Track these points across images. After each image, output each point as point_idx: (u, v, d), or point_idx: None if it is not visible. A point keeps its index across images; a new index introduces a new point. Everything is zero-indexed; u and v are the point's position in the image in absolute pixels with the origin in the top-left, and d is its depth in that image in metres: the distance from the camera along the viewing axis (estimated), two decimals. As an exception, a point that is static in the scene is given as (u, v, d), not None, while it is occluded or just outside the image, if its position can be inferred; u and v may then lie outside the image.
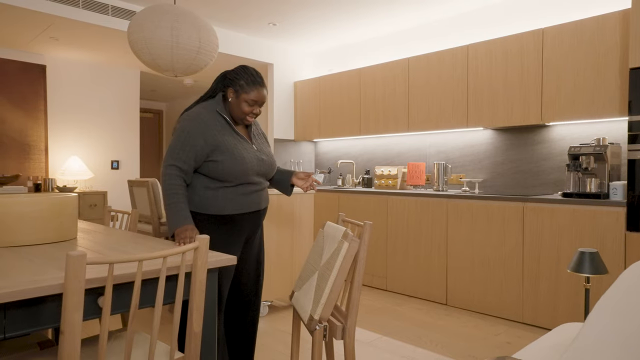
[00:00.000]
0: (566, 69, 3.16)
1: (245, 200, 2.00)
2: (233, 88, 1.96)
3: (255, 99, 1.95)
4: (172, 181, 1.86)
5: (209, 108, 1.96)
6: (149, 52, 2.33)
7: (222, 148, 1.90)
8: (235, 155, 1.92)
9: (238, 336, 2.19)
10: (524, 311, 3.07)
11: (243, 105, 1.95)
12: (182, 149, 1.86)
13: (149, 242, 1.82)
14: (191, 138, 1.86)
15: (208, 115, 1.93)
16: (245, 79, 1.94)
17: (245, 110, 1.96)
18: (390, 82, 4.30)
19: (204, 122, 1.90)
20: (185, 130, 1.88)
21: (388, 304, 3.54)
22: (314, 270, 1.96)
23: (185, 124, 1.89)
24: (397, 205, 3.85)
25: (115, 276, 1.22)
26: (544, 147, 3.56)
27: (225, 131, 1.94)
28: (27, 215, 1.70)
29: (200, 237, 1.33)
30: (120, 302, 1.29)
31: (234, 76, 1.97)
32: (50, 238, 1.76)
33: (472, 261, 3.35)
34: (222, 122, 1.95)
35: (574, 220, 2.85)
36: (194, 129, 1.88)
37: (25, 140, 4.54)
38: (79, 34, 3.99)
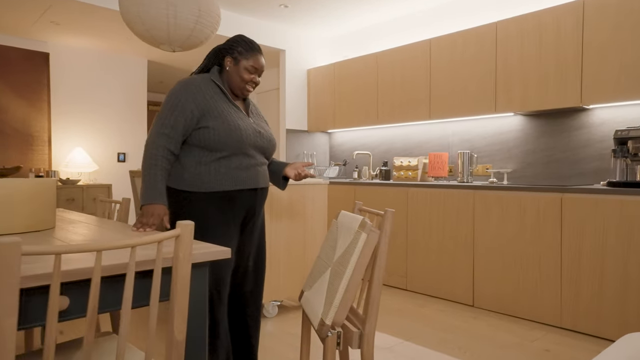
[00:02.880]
0: (610, 45, 2.81)
1: (242, 175, 1.77)
2: (231, 56, 1.81)
3: (255, 66, 1.81)
4: (155, 151, 1.67)
5: (204, 77, 1.79)
6: (142, 22, 2.08)
7: (213, 113, 1.71)
8: (229, 121, 1.73)
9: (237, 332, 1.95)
10: (562, 315, 2.75)
11: (243, 73, 1.80)
12: (170, 114, 1.68)
13: (140, 234, 1.56)
14: (180, 101, 1.69)
15: (201, 81, 1.76)
16: (243, 45, 1.82)
17: (246, 78, 1.80)
18: (410, 66, 3.99)
19: (195, 86, 1.73)
20: (173, 94, 1.71)
21: (409, 305, 3.24)
22: (326, 266, 1.68)
23: (175, 88, 1.74)
24: (417, 197, 3.55)
25: (68, 271, 0.97)
26: (582, 133, 3.21)
27: (219, 98, 1.77)
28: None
29: (183, 223, 1.06)
30: (82, 305, 1.03)
31: (230, 45, 1.83)
32: (22, 226, 1.52)
33: (502, 258, 3.03)
34: (217, 90, 1.78)
35: (622, 213, 2.51)
36: (183, 92, 1.71)
37: (28, 130, 4.36)
38: (80, 18, 3.78)
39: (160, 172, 1.66)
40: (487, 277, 3.12)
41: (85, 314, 1.03)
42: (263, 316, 2.97)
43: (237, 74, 1.79)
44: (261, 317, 2.91)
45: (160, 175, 1.65)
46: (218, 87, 1.79)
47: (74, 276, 0.96)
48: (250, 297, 1.96)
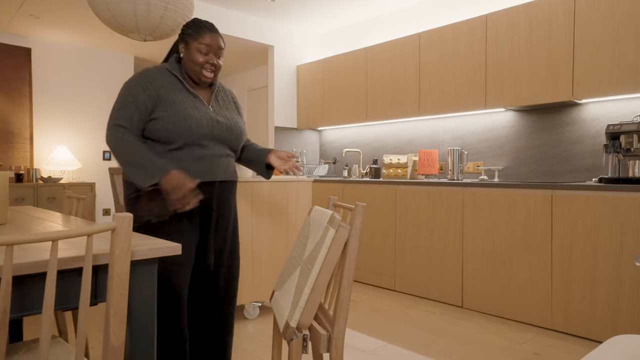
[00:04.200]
0: (603, 37, 2.72)
1: (194, 167, 1.65)
2: (182, 41, 1.71)
3: (207, 44, 1.66)
4: (123, 136, 1.57)
5: (160, 67, 1.71)
6: (108, 8, 1.98)
7: (165, 103, 1.60)
8: (180, 111, 1.61)
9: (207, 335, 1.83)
10: (553, 316, 2.64)
11: (196, 55, 1.66)
12: (123, 106, 1.59)
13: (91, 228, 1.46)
14: (131, 93, 1.59)
15: (155, 71, 1.66)
16: (193, 27, 1.70)
17: (199, 60, 1.66)
18: (399, 61, 3.89)
19: (148, 76, 1.63)
20: (126, 86, 1.63)
21: (396, 306, 3.14)
22: (296, 265, 1.58)
23: (127, 82, 1.65)
24: (407, 195, 3.45)
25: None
26: (575, 128, 3.12)
27: (174, 87, 1.66)
28: None
29: (119, 215, 0.96)
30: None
31: (182, 30, 1.75)
32: (-37, 222, 1.42)
33: (492, 258, 2.93)
34: (174, 80, 1.68)
35: (614, 210, 2.41)
36: (135, 83, 1.61)
37: (8, 127, 4.25)
38: (59, 11, 3.67)
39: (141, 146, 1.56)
40: (476, 277, 3.01)
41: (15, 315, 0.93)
42: (244, 318, 2.86)
43: (189, 59, 1.67)
44: (236, 319, 2.81)
45: (144, 149, 1.55)
46: (175, 76, 1.69)
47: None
48: (221, 298, 1.85)
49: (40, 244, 1.12)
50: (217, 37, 1.70)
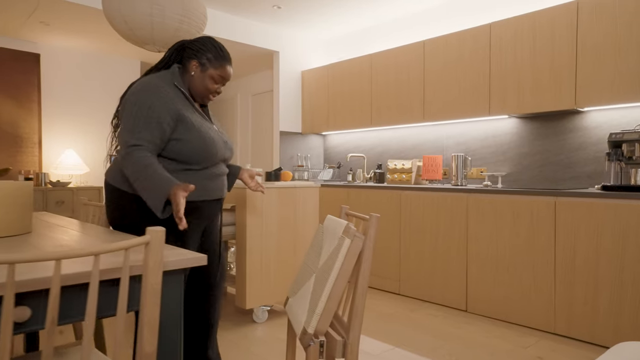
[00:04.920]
0: (605, 46, 2.78)
1: (210, 186, 1.73)
2: (198, 61, 1.71)
3: (222, 75, 1.73)
4: (140, 154, 1.53)
5: (166, 80, 1.66)
6: (124, 21, 2.04)
7: (186, 124, 1.62)
8: (203, 134, 1.65)
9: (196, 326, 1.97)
10: (556, 320, 2.70)
11: (208, 82, 1.72)
12: (145, 127, 1.55)
13: (112, 236, 1.51)
14: (155, 113, 1.55)
15: (169, 89, 1.63)
16: (214, 52, 1.72)
17: (210, 88, 1.72)
18: (404, 67, 3.95)
19: (167, 94, 1.61)
20: (145, 103, 1.56)
21: (401, 310, 3.19)
22: (311, 272, 1.64)
23: (144, 96, 1.57)
24: (411, 201, 3.51)
25: (27, 281, 0.92)
26: (577, 135, 3.17)
27: (187, 106, 1.67)
28: (-38, 204, 1.41)
29: (153, 229, 1.02)
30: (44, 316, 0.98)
31: (199, 47, 1.71)
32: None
33: (495, 263, 2.99)
34: (181, 96, 1.67)
35: (616, 218, 2.47)
36: (155, 101, 1.57)
37: (17, 132, 4.31)
38: (69, 18, 3.73)
39: (156, 166, 1.52)
40: (480, 281, 3.07)
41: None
42: (252, 321, 2.91)
43: (202, 82, 1.71)
44: (245, 323, 2.86)
45: (159, 168, 1.51)
46: (182, 93, 1.69)
47: (31, 286, 0.91)
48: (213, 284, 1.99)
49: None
50: (231, 70, 1.76)
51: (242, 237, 2.80)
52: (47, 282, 0.94)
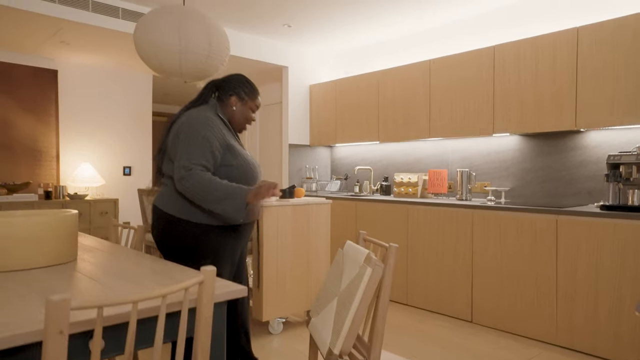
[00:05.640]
0: (604, 71, 2.92)
1: (251, 209, 1.94)
2: (237, 96, 1.98)
3: (257, 105, 2.04)
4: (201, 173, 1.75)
5: (212, 112, 1.91)
6: (155, 56, 2.18)
7: (233, 151, 1.87)
8: (247, 160, 1.92)
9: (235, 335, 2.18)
10: (558, 333, 2.84)
11: (249, 113, 2.01)
12: (201, 154, 1.77)
13: (154, 264, 1.66)
14: (208, 142, 1.79)
15: (217, 120, 1.89)
16: (248, 87, 2.01)
17: (249, 117, 2.02)
18: (410, 85, 4.10)
19: (216, 125, 1.86)
20: (199, 134, 1.79)
21: (409, 321, 3.34)
22: (333, 295, 1.78)
23: (198, 127, 1.81)
24: (418, 215, 3.65)
25: (107, 317, 1.06)
26: (578, 154, 3.32)
27: (230, 136, 1.93)
28: (21, 237, 1.55)
29: (205, 269, 1.16)
30: (115, 344, 1.13)
31: (235, 85, 1.99)
32: (46, 261, 1.62)
33: (500, 276, 3.13)
34: (225, 127, 1.93)
35: (615, 236, 2.61)
36: (208, 132, 1.80)
37: (36, 146, 4.46)
38: (89, 38, 3.88)
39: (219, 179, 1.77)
40: (485, 293, 3.21)
41: (119, 352, 1.13)
42: (268, 333, 3.06)
43: (243, 114, 1.98)
44: (261, 334, 3.00)
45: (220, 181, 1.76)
46: (224, 123, 1.93)
47: (112, 321, 1.06)
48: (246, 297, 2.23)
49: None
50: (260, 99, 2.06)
51: (259, 251, 2.94)
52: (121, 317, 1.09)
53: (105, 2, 3.57)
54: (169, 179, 1.92)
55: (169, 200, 1.88)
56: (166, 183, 1.94)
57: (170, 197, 1.88)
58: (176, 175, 1.76)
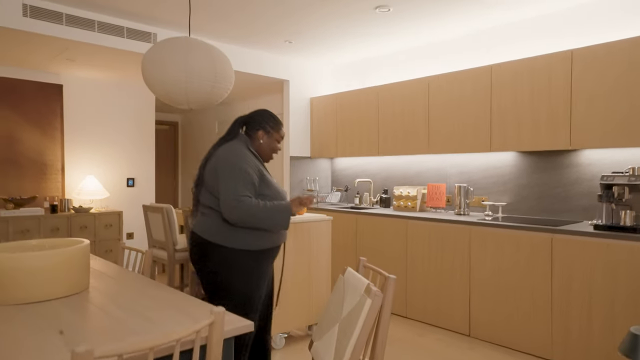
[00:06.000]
0: (597, 92, 3.00)
1: (280, 234, 2.16)
2: (263, 130, 2.19)
3: (282, 136, 2.25)
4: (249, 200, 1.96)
5: (244, 146, 2.12)
6: (162, 87, 2.26)
7: (266, 182, 2.08)
8: (278, 189, 2.13)
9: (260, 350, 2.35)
10: (553, 348, 2.92)
11: (275, 144, 2.22)
12: (244, 185, 1.98)
13: (165, 295, 1.74)
14: (248, 175, 2.00)
15: (250, 154, 2.11)
16: (272, 121, 2.21)
17: (276, 148, 2.23)
18: (409, 101, 4.17)
19: (250, 159, 2.07)
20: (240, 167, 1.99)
21: (408, 334, 3.42)
22: (335, 321, 1.86)
23: (237, 162, 2.00)
24: (417, 229, 3.73)
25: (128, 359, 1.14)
26: (573, 171, 3.40)
27: (262, 166, 2.15)
28: (36, 271, 1.63)
29: (216, 310, 1.24)
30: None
31: (260, 120, 2.19)
32: (60, 292, 1.70)
33: (496, 291, 3.21)
34: (255, 158, 2.14)
35: (607, 255, 2.69)
36: (245, 165, 2.01)
37: (42, 159, 4.54)
38: (95, 56, 3.96)
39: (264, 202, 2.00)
40: (482, 308, 3.29)
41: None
42: (272, 348, 3.13)
43: (269, 146, 2.21)
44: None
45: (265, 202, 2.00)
46: (254, 155, 2.14)
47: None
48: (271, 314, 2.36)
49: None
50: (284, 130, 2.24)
51: (262, 270, 3.02)
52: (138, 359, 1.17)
53: (111, 23, 3.65)
54: (208, 208, 2.08)
55: (208, 228, 2.05)
56: (204, 212, 2.10)
57: (210, 225, 2.06)
58: (226, 207, 1.95)
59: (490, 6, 3.42)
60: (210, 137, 6.95)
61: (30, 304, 1.61)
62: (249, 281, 2.07)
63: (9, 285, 1.60)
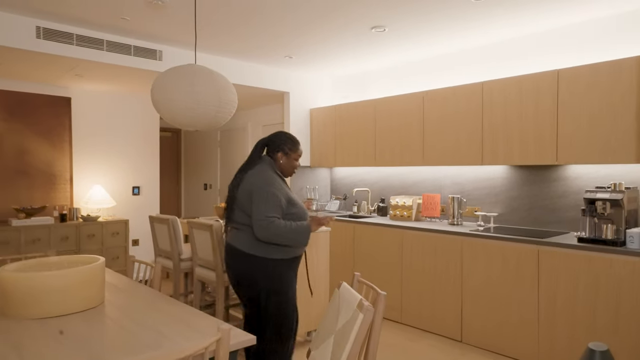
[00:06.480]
0: (581, 111, 3.16)
1: None
2: (282, 152, 2.47)
3: (299, 155, 2.53)
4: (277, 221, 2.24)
5: (271, 170, 2.41)
6: (170, 113, 2.43)
7: (292, 202, 2.37)
8: (302, 207, 2.42)
9: None
10: (540, 354, 3.08)
11: (294, 163, 2.52)
12: (274, 208, 2.26)
13: (173, 309, 1.90)
14: (277, 198, 2.28)
15: (276, 177, 2.40)
16: (289, 142, 2.50)
17: (295, 166, 2.53)
18: (405, 115, 4.33)
19: (278, 182, 2.37)
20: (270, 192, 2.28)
21: (402, 340, 3.57)
22: (330, 332, 2.02)
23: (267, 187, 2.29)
24: (412, 238, 3.89)
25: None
26: (560, 184, 3.55)
27: (287, 187, 2.42)
28: (55, 289, 1.79)
29: (223, 328, 1.40)
30: (148, 392, 1.36)
31: (279, 143, 2.48)
32: (79, 307, 1.86)
33: (487, 299, 3.37)
34: (280, 178, 2.42)
35: (589, 268, 2.85)
36: (275, 190, 2.29)
37: (51, 170, 4.70)
38: (103, 72, 4.13)
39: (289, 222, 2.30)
40: (474, 314, 3.45)
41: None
42: (272, 353, 3.30)
43: (289, 165, 2.50)
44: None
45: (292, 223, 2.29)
46: (280, 177, 2.43)
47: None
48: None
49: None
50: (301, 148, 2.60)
51: (263, 279, 3.18)
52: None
53: (119, 41, 3.81)
54: (243, 225, 2.38)
55: (245, 241, 2.36)
56: (239, 228, 2.40)
57: (246, 239, 2.36)
58: (257, 228, 2.24)
59: (480, 26, 3.57)
60: (213, 145, 7.11)
61: (50, 319, 1.77)
62: (286, 284, 2.38)
63: (30, 302, 1.77)
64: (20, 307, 1.76)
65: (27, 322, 1.73)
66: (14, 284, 1.75)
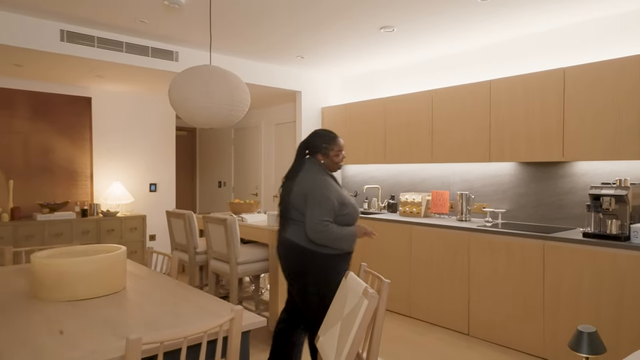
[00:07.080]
0: (587, 108, 3.21)
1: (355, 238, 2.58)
2: (320, 153, 2.55)
3: (339, 148, 2.57)
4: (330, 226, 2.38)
5: (322, 172, 2.50)
6: (186, 111, 2.56)
7: (344, 202, 2.47)
8: (354, 206, 2.52)
9: None
10: (545, 347, 3.14)
11: (337, 158, 2.57)
12: (327, 212, 2.39)
13: (189, 295, 2.03)
14: (330, 201, 2.40)
15: (329, 178, 2.50)
16: (325, 140, 2.55)
17: (338, 161, 2.58)
18: (414, 113, 4.41)
19: (330, 185, 2.46)
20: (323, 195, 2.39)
21: (409, 332, 3.66)
22: (338, 318, 2.13)
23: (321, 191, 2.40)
24: (420, 234, 3.97)
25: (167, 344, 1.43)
26: (567, 181, 3.60)
27: (337, 185, 2.51)
28: (84, 273, 1.94)
29: (236, 308, 1.52)
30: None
31: (315, 143, 2.55)
32: (103, 291, 2.00)
33: (493, 293, 3.44)
34: (330, 177, 2.51)
35: (594, 262, 2.90)
36: (327, 193, 2.41)
37: (73, 167, 4.90)
38: (122, 73, 4.29)
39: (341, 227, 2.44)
40: (480, 308, 3.52)
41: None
42: (283, 343, 3.41)
43: (331, 162, 2.56)
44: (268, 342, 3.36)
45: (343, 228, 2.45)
46: (331, 177, 2.52)
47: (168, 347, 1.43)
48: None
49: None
50: (341, 140, 2.59)
51: (275, 270, 3.30)
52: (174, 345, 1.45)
53: (137, 43, 3.97)
54: (300, 222, 2.48)
55: (302, 237, 2.46)
56: (296, 223, 2.50)
57: (302, 234, 2.47)
58: (310, 230, 2.37)
59: (486, 26, 3.64)
60: (227, 143, 7.27)
61: (79, 301, 1.92)
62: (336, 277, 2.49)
63: (61, 285, 1.91)
64: (52, 291, 1.91)
65: (59, 304, 1.87)
66: (47, 270, 1.89)
